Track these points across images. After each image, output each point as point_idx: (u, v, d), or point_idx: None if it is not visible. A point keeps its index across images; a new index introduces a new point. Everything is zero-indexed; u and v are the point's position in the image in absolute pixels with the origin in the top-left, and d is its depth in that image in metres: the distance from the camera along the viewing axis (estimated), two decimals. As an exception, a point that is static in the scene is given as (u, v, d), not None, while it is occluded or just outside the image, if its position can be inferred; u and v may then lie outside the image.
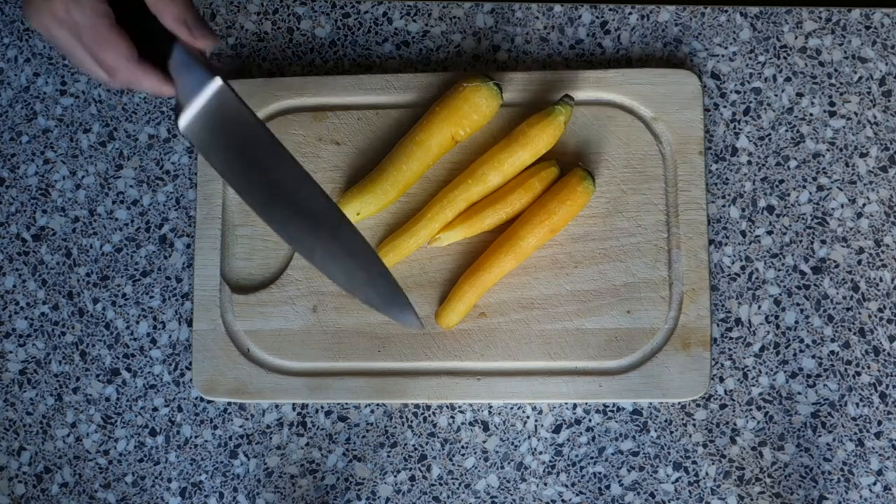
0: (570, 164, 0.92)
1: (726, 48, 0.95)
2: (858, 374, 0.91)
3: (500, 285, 0.91)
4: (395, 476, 0.92)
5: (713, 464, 0.90)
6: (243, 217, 0.94)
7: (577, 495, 0.91)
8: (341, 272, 0.79)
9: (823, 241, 0.92)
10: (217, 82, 0.74)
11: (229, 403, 0.93)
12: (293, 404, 0.93)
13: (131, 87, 0.74)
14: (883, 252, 0.92)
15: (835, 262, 0.92)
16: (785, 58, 0.95)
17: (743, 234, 0.93)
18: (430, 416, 0.92)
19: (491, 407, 0.92)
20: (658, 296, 0.91)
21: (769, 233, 0.93)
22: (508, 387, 0.91)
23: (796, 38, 0.95)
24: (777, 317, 0.92)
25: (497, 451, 0.91)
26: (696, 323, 0.90)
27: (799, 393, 0.91)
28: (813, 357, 0.91)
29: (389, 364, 0.92)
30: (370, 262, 0.79)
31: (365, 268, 0.79)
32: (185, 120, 0.75)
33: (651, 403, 0.91)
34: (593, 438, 0.91)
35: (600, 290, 0.91)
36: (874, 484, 0.89)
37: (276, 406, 0.93)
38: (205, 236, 0.94)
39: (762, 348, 0.91)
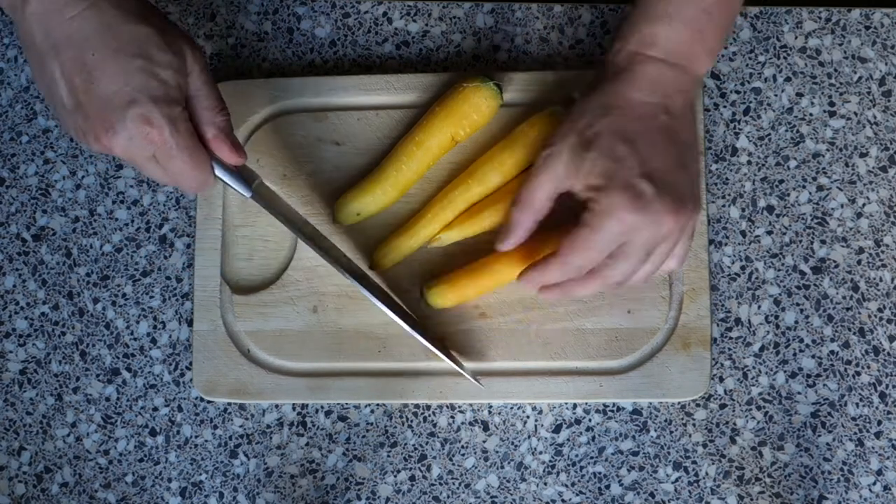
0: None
1: (726, 48, 0.95)
2: (858, 374, 0.91)
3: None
4: (395, 476, 0.92)
5: (713, 464, 0.90)
6: (244, 217, 0.94)
7: (577, 495, 0.91)
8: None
9: (823, 241, 0.92)
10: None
11: (229, 403, 0.93)
12: (293, 404, 0.93)
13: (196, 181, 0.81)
14: (883, 252, 0.92)
15: (835, 262, 0.92)
16: (785, 58, 0.95)
17: (743, 234, 0.93)
18: (430, 416, 0.92)
19: (491, 407, 0.92)
20: (658, 296, 0.91)
21: (769, 233, 0.93)
22: (509, 387, 0.91)
23: (796, 38, 0.95)
24: (777, 317, 0.92)
25: (497, 451, 0.92)
26: (697, 323, 0.90)
27: (799, 393, 0.91)
28: (813, 357, 0.91)
29: (390, 364, 0.92)
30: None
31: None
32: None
33: (651, 403, 0.91)
34: (593, 438, 0.91)
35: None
36: (874, 484, 0.89)
37: (276, 406, 0.93)
38: (205, 237, 0.94)
39: (762, 348, 0.91)
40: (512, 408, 0.92)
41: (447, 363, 0.90)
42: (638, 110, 0.79)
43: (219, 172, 0.81)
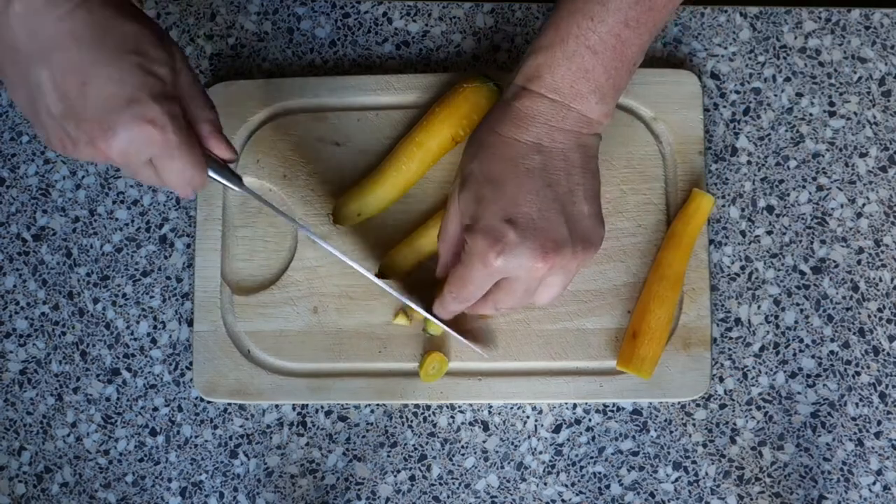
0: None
1: (726, 48, 0.95)
2: (858, 374, 0.91)
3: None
4: (395, 476, 0.92)
5: (713, 463, 0.90)
6: (244, 218, 0.94)
7: (577, 495, 0.91)
8: None
9: (823, 241, 0.92)
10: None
11: (229, 403, 0.93)
12: (293, 404, 0.93)
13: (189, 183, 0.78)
14: (882, 252, 0.92)
15: (834, 262, 0.92)
16: (785, 58, 0.95)
17: (743, 234, 0.93)
18: (430, 416, 0.92)
19: (491, 407, 0.92)
20: (658, 296, 0.91)
21: (769, 233, 0.93)
22: (509, 387, 0.91)
23: (796, 38, 0.95)
24: (777, 317, 0.92)
25: (497, 451, 0.92)
26: (697, 323, 0.90)
27: (799, 393, 0.91)
28: (812, 357, 0.91)
29: (390, 365, 0.92)
30: None
31: None
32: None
33: (651, 403, 0.91)
34: (593, 438, 0.91)
35: (601, 290, 0.91)
36: (874, 484, 0.89)
37: (277, 406, 0.93)
38: (205, 237, 0.94)
39: (762, 348, 0.91)
40: (512, 408, 0.92)
41: (448, 364, 0.91)
42: (509, 149, 0.78)
43: (210, 171, 0.78)
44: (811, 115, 0.94)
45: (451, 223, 0.82)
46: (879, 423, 0.90)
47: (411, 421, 0.92)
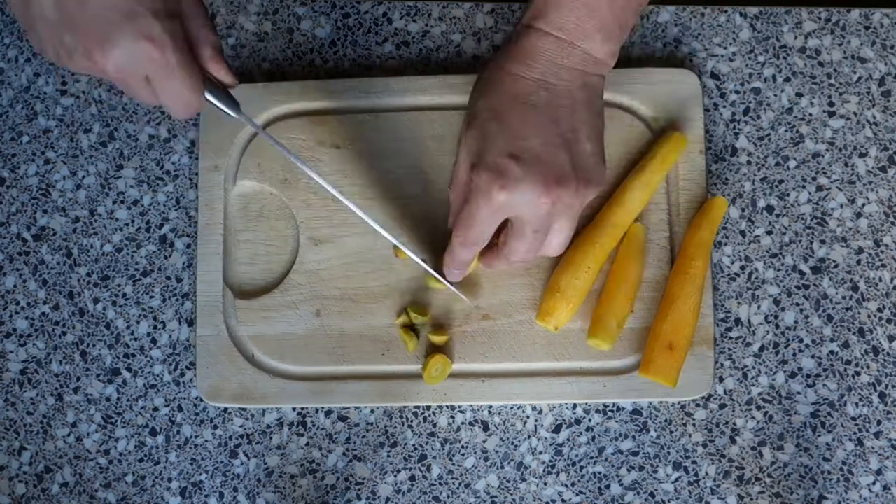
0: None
1: (726, 48, 0.95)
2: (858, 373, 0.91)
3: (502, 287, 0.91)
4: (395, 476, 0.92)
5: (713, 464, 0.91)
6: (245, 222, 0.94)
7: (577, 495, 0.91)
8: None
9: (823, 241, 0.93)
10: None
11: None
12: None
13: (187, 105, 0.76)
14: (882, 252, 0.92)
15: (834, 261, 0.92)
16: (784, 58, 0.95)
17: (743, 234, 0.93)
18: (430, 416, 0.92)
19: (491, 407, 0.92)
20: (660, 295, 0.91)
21: (769, 233, 0.93)
22: (513, 388, 0.91)
23: (796, 38, 0.95)
24: (776, 317, 0.92)
25: (497, 451, 0.92)
26: (699, 321, 0.90)
27: (798, 393, 0.91)
28: (812, 357, 0.91)
29: (393, 367, 0.92)
30: None
31: None
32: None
33: (651, 403, 0.91)
34: (593, 438, 0.91)
35: (602, 289, 0.91)
36: (874, 484, 0.90)
37: (277, 406, 0.93)
38: (207, 242, 0.94)
39: (762, 348, 0.91)
40: (512, 408, 0.92)
41: (451, 366, 0.91)
42: (515, 86, 0.78)
43: (208, 95, 0.77)
44: (811, 115, 0.94)
45: (461, 167, 0.81)
46: (879, 423, 0.90)
47: (411, 421, 0.92)
